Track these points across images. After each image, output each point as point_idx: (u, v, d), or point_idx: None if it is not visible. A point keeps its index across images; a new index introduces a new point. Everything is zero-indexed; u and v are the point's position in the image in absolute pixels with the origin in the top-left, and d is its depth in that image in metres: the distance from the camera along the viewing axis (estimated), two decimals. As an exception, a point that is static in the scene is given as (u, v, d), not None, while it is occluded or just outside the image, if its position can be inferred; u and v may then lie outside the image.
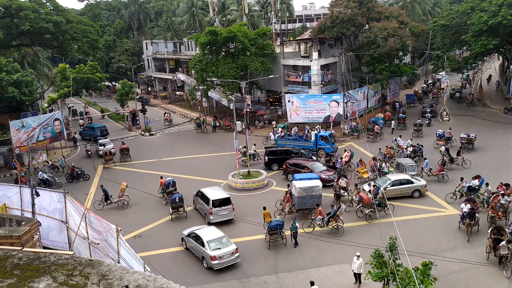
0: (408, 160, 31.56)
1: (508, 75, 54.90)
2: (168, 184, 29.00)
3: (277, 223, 22.38)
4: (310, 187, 25.18)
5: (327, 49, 52.95)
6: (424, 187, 28.06)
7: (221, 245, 20.94)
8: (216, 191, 26.51)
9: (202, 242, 21.08)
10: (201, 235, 21.42)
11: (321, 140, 37.41)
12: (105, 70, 72.78)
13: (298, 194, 25.18)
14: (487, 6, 45.78)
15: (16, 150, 36.20)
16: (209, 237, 21.20)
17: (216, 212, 25.02)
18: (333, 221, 23.54)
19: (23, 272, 5.51)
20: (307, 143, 37.96)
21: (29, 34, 45.51)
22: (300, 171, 31.60)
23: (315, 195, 25.19)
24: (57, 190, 18.19)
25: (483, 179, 26.92)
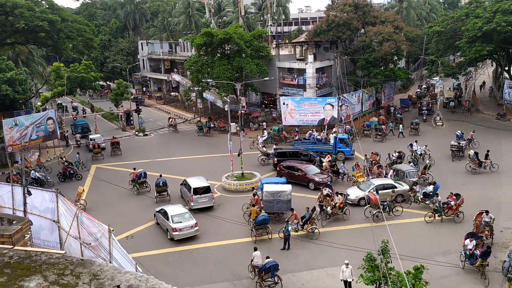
0: (408, 167, 31.03)
1: (501, 81, 55.28)
2: (140, 175, 31.03)
3: (263, 217, 23.33)
4: (278, 191, 25.16)
5: (322, 52, 53.14)
6: (407, 191, 27.99)
7: (183, 219, 23.89)
8: (199, 181, 28.29)
9: (167, 217, 24.08)
10: (167, 211, 24.57)
11: (340, 143, 37.31)
12: (100, 70, 72.53)
13: (265, 198, 25.27)
14: (482, 12, 46.11)
15: (8, 148, 35.94)
16: (174, 213, 24.31)
17: (196, 199, 27.18)
18: (308, 225, 23.46)
19: (14, 271, 5.46)
20: (326, 146, 37.78)
21: (23, 32, 45.28)
22: (294, 173, 31.71)
23: (282, 200, 25.08)
24: (49, 189, 18.08)
25: (437, 185, 27.10)
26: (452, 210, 24.76)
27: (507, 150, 37.53)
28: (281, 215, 25.51)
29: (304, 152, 35.57)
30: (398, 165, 31.59)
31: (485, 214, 22.39)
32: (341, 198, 25.35)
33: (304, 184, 31.04)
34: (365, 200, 27.14)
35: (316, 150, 37.08)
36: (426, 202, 26.37)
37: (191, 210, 26.17)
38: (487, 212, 22.37)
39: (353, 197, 27.76)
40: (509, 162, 33.78)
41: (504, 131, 43.59)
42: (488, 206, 26.53)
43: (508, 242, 22.35)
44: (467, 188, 29.20)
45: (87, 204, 28.46)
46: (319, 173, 31.45)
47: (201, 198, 27.29)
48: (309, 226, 23.50)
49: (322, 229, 24.45)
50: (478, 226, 22.30)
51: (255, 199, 25.96)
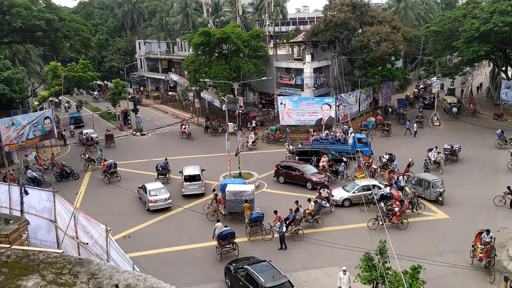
0: (433, 176, 28.15)
1: (498, 82, 55.44)
2: (110, 166, 33.37)
3: (257, 215, 23.70)
4: (240, 191, 25.25)
5: (320, 52, 53.17)
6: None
7: (159, 193, 27.93)
8: (191, 169, 30.67)
9: (146, 191, 28.03)
10: (147, 186, 28.53)
11: (359, 142, 36.99)
12: (97, 69, 72.45)
13: (228, 198, 25.39)
14: (479, 13, 46.21)
15: (5, 147, 35.85)
16: (151, 187, 28.46)
17: (186, 186, 29.46)
18: (292, 226, 23.40)
19: (11, 270, 5.44)
20: (344, 146, 37.61)
21: (20, 31, 45.18)
22: (291, 173, 31.65)
23: (243, 200, 25.12)
24: (46, 188, 18.03)
25: (394, 187, 27.06)
26: (397, 217, 24.12)
27: (504, 150, 37.62)
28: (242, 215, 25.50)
29: (324, 150, 35.25)
30: (422, 174, 28.62)
31: (486, 233, 20.30)
32: (314, 205, 24.84)
33: (302, 184, 31.01)
34: (349, 201, 27.25)
35: (335, 150, 36.66)
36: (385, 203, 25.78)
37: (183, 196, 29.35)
38: (488, 232, 20.27)
39: (337, 198, 27.66)
40: (506, 162, 33.85)
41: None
42: (485, 206, 26.69)
43: (505, 242, 22.42)
44: (465, 188, 29.30)
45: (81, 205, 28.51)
46: (316, 173, 31.40)
47: (191, 185, 29.47)
48: (293, 227, 23.38)
49: (320, 229, 24.48)
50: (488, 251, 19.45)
51: (218, 198, 26.06)
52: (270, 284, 16.91)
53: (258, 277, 17.38)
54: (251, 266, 18.35)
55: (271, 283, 16.96)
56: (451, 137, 41.86)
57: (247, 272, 18.04)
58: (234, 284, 18.63)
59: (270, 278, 17.18)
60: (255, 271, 17.78)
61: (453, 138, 41.61)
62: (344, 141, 38.02)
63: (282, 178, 32.11)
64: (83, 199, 30.01)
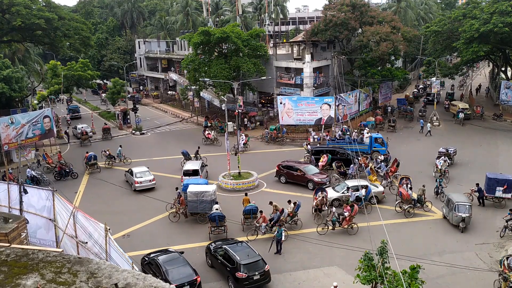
0: (462, 198, 24.97)
1: (498, 82, 55.47)
2: (90, 157, 35.45)
3: (251, 207, 24.53)
4: (201, 191, 25.21)
5: (319, 52, 53.16)
6: (382, 193, 27.88)
7: (144, 175, 31.44)
8: (191, 164, 32.20)
9: (133, 174, 31.47)
10: (133, 170, 32.03)
11: (376, 142, 36.84)
12: (97, 68, 72.41)
13: (189, 198, 25.40)
14: (479, 13, 46.22)
15: (4, 146, 35.83)
16: (137, 171, 31.81)
17: (185, 180, 29.16)
18: (276, 227, 23.02)
19: (11, 269, 5.44)
20: (361, 145, 37.12)
21: (20, 30, 45.13)
22: (293, 173, 31.41)
23: (206, 200, 25.14)
24: (45, 187, 18.02)
25: (369, 189, 26.84)
26: (347, 221, 23.70)
27: (504, 150, 37.69)
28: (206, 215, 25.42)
29: (340, 150, 35.02)
30: (451, 194, 25.41)
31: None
32: (293, 206, 24.69)
33: (303, 184, 30.78)
34: (339, 201, 27.06)
35: (352, 150, 36.08)
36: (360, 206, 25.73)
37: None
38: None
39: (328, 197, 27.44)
40: (505, 162, 33.89)
41: (500, 131, 43.76)
42: (485, 206, 26.71)
43: (503, 242, 22.45)
44: (464, 189, 29.25)
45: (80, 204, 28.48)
46: (318, 173, 31.16)
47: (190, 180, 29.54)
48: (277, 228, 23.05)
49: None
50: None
51: (181, 199, 26.04)
52: (244, 262, 18.62)
53: (234, 255, 19.12)
54: (228, 246, 20.09)
55: (245, 260, 18.69)
56: (450, 137, 41.97)
57: (225, 251, 19.74)
58: (214, 262, 20.37)
59: (245, 257, 18.91)
60: (232, 250, 19.52)
61: (452, 138, 41.77)
62: (361, 141, 37.57)
63: (283, 178, 31.92)
64: (82, 198, 30.03)
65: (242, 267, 18.46)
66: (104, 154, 37.63)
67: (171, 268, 18.47)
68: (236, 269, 18.59)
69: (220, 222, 23.57)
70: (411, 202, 25.77)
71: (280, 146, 41.92)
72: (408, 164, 34.35)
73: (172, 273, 18.14)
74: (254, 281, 18.50)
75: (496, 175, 27.35)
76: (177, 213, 26.04)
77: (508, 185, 26.22)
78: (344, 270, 20.17)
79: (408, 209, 25.67)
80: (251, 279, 18.41)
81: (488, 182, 26.83)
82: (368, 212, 25.94)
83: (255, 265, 18.71)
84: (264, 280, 18.75)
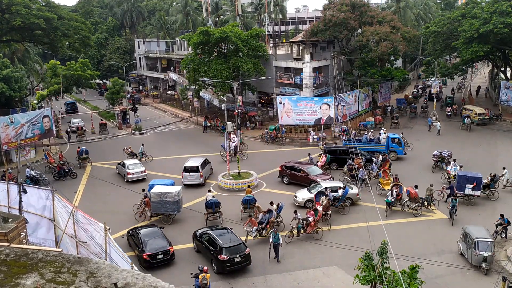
0: (482, 232, 20.71)
1: (497, 82, 55.50)
2: (82, 152, 37.10)
3: (248, 198, 25.70)
4: (164, 192, 25.25)
5: (319, 52, 53.18)
6: (356, 195, 27.59)
7: (135, 167, 33.31)
8: (192, 161, 32.70)
9: (125, 166, 33.33)
10: (125, 162, 33.97)
11: (393, 142, 36.41)
12: (96, 68, 72.40)
13: (153, 199, 25.49)
14: (479, 13, 46.22)
15: (4, 146, 35.82)
16: (129, 163, 33.83)
17: (185, 176, 31.30)
18: (268, 229, 22.94)
19: (10, 268, 5.45)
20: (378, 146, 36.91)
21: (20, 29, 45.12)
22: (296, 174, 31.10)
23: (169, 201, 25.15)
24: (45, 187, 18.03)
25: (347, 189, 26.54)
26: (311, 227, 23.00)
27: (503, 150, 37.72)
28: (170, 216, 25.64)
29: (353, 150, 34.83)
30: (469, 227, 21.27)
31: None
32: (276, 208, 24.44)
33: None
34: (312, 202, 26.75)
35: (368, 150, 36.14)
36: (336, 206, 25.82)
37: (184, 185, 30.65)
38: None
39: (300, 199, 27.33)
40: (504, 163, 33.90)
41: (500, 131, 43.78)
42: (484, 206, 26.75)
43: (503, 242, 22.46)
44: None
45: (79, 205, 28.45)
46: (321, 174, 30.81)
47: (190, 175, 31.31)
48: (268, 230, 22.88)
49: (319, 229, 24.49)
50: None
51: (146, 200, 26.05)
52: (226, 245, 20.17)
53: (217, 239, 20.66)
54: (212, 231, 21.71)
55: (227, 244, 20.28)
56: (449, 138, 42.01)
57: (209, 237, 21.27)
58: (200, 247, 21.86)
59: (227, 241, 20.53)
60: (215, 235, 21.08)
61: (452, 138, 41.84)
62: (378, 141, 37.21)
63: (286, 178, 31.67)
64: (81, 197, 30.02)
65: (224, 250, 19.94)
66: (126, 151, 38.10)
67: (149, 239, 21.07)
68: (219, 252, 20.03)
69: (216, 209, 25.12)
70: (419, 201, 25.85)
71: (280, 146, 41.93)
72: (408, 164, 34.35)
73: (149, 243, 20.82)
74: (235, 263, 20.00)
75: (466, 173, 27.84)
76: (142, 213, 26.20)
77: (477, 183, 26.64)
78: (343, 270, 20.18)
79: (415, 208, 25.75)
80: (232, 261, 19.91)
81: (458, 180, 27.31)
82: (345, 213, 26.14)
83: (236, 249, 20.21)
84: (244, 262, 20.24)
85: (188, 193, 29.66)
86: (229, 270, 20.09)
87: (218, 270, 20.24)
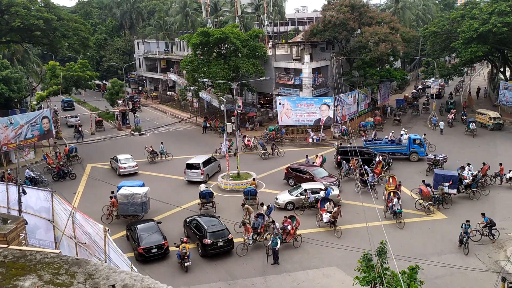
0: None
1: (497, 82, 55.52)
2: (71, 150, 38.26)
3: (249, 189, 27.31)
4: (131, 194, 25.34)
5: (318, 52, 53.21)
6: (337, 196, 27.41)
7: (127, 162, 35.22)
8: (196, 158, 33.50)
9: (118, 160, 35.33)
10: (118, 157, 35.78)
11: (414, 143, 35.98)
12: (96, 69, 72.37)
13: (120, 201, 25.53)
14: (478, 13, 46.26)
15: (3, 147, 35.80)
16: (122, 157, 35.62)
17: (187, 172, 32.39)
18: (262, 232, 22.69)
19: (8, 270, 5.44)
20: (399, 147, 36.46)
21: (19, 30, 45.09)
22: (301, 176, 30.74)
23: (136, 202, 25.22)
24: (44, 188, 18.02)
25: (329, 191, 26.40)
26: (290, 235, 22.40)
27: (502, 151, 37.72)
28: (137, 217, 25.64)
29: (367, 151, 34.49)
30: None
31: None
32: (265, 209, 24.39)
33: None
34: (292, 204, 26.74)
35: (389, 151, 35.81)
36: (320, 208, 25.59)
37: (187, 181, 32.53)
38: None
39: (280, 201, 27.15)
40: (503, 163, 33.87)
41: (499, 132, 43.76)
42: (483, 207, 26.71)
43: (502, 243, 22.46)
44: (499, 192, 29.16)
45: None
46: (327, 176, 30.42)
47: (191, 172, 32.22)
48: (262, 235, 22.62)
49: (318, 229, 24.49)
50: None
51: (112, 201, 26.00)
52: (211, 230, 21.89)
53: (203, 225, 22.37)
54: (200, 218, 23.60)
55: (212, 229, 21.99)
56: (449, 138, 42.01)
57: (197, 223, 22.98)
58: (188, 232, 23.50)
59: (212, 226, 22.25)
60: (202, 221, 22.84)
61: (451, 138, 41.82)
62: (399, 142, 36.63)
63: (292, 181, 31.43)
64: (81, 198, 29.98)
65: (208, 235, 21.63)
66: (148, 150, 38.52)
67: (144, 234, 22.09)
68: (204, 236, 21.71)
69: (209, 199, 26.66)
70: (431, 199, 25.96)
71: (279, 146, 41.86)
72: (409, 165, 34.33)
73: (145, 238, 21.80)
74: (218, 247, 21.65)
75: (443, 172, 28.34)
76: (109, 215, 26.12)
77: (453, 181, 27.04)
78: (343, 270, 20.18)
79: (428, 206, 25.84)
80: (215, 245, 21.57)
81: (435, 178, 27.76)
82: None
83: (220, 234, 21.87)
84: (227, 246, 21.84)
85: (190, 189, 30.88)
86: (212, 253, 21.58)
87: (202, 253, 21.82)
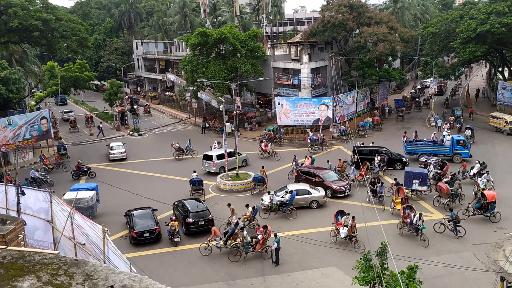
0: None
1: (495, 82, 55.60)
2: (59, 148, 39.80)
3: (257, 176, 29.93)
4: (77, 199, 24.47)
5: (317, 52, 53.23)
6: (323, 198, 27.38)
7: (117, 148, 39.43)
8: (213, 152, 35.84)
9: (109, 147, 39.38)
10: (111, 144, 40.06)
11: (458, 144, 35.09)
12: (94, 69, 72.32)
13: None
14: (476, 14, 46.33)
15: (2, 148, 35.75)
16: (113, 145, 40.00)
17: (204, 163, 35.28)
18: (231, 240, 21.88)
19: (7, 271, 5.43)
20: (441, 148, 35.53)
21: (17, 31, 45.02)
22: (311, 180, 30.08)
23: (82, 207, 24.41)
24: (42, 189, 18.00)
25: (294, 194, 26.22)
26: (260, 245, 21.44)
27: (500, 151, 37.77)
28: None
29: (383, 150, 34.00)
30: None
31: None
32: (251, 210, 24.51)
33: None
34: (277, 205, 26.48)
35: (431, 152, 35.31)
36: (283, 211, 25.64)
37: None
38: None
39: (266, 202, 26.83)
40: (502, 163, 33.96)
41: (498, 131, 43.79)
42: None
43: (501, 242, 22.48)
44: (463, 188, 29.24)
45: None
46: (337, 180, 29.77)
47: (206, 163, 35.13)
48: (232, 242, 21.87)
49: (316, 229, 24.47)
50: None
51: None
52: (193, 210, 24.58)
53: (187, 206, 25.12)
54: (185, 200, 26.32)
55: (194, 209, 24.71)
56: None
57: (182, 204, 25.67)
58: (176, 214, 25.70)
59: (194, 207, 25.02)
60: (186, 203, 25.60)
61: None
62: (442, 143, 35.52)
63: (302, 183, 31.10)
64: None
65: (191, 214, 24.17)
66: (174, 147, 38.96)
67: (139, 219, 24.03)
68: (187, 216, 24.22)
69: (199, 186, 29.20)
70: (450, 196, 26.24)
71: (278, 147, 41.90)
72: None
73: (138, 223, 23.71)
74: (199, 226, 24.14)
75: (413, 169, 28.73)
76: None
77: (422, 179, 27.51)
78: (342, 270, 20.17)
79: (447, 203, 26.14)
80: (196, 224, 24.09)
81: (406, 176, 28.03)
82: (293, 217, 25.93)
83: (201, 214, 24.44)
84: (208, 225, 23.88)
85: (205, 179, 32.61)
86: (194, 232, 24.06)
87: (185, 232, 24.30)
